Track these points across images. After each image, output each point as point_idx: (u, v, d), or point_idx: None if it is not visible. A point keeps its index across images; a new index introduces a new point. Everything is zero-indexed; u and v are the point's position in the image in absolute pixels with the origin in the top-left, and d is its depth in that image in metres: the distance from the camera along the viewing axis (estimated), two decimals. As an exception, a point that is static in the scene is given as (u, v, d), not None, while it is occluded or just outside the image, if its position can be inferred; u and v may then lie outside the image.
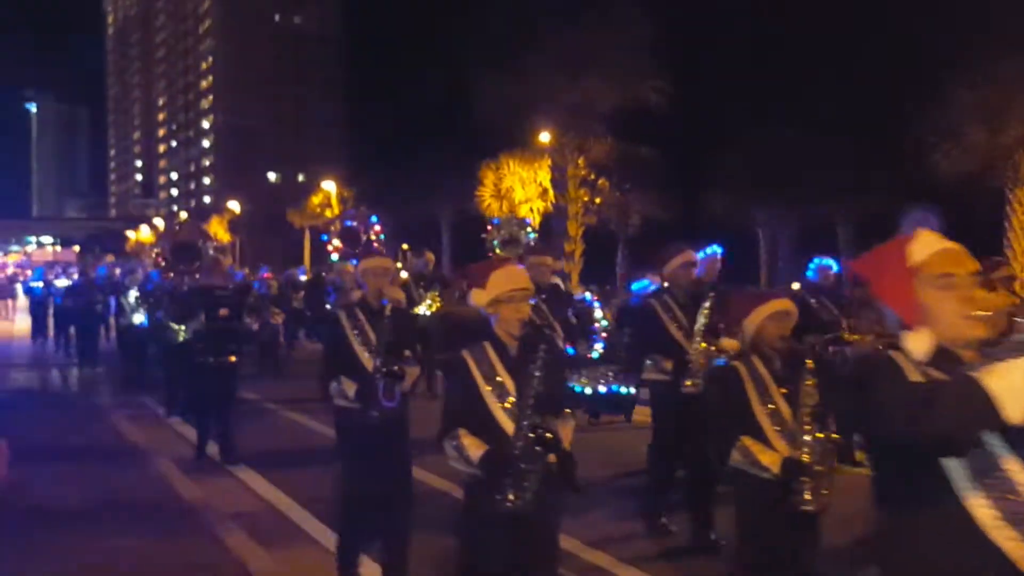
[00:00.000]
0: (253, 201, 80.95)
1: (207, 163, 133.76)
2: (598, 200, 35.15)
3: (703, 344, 7.05)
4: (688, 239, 11.53)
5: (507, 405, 4.16)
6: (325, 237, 14.14)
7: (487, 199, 36.23)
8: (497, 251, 13.41)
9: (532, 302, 9.73)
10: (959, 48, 24.82)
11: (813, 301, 9.57)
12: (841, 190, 34.34)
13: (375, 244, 14.36)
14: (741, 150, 36.15)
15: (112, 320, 19.55)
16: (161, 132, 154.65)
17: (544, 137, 33.52)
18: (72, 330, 21.11)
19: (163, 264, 12.33)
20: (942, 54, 25.45)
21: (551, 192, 35.25)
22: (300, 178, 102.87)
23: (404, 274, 14.66)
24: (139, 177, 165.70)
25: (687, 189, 35.84)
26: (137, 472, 9.43)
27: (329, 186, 59.21)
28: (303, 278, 26.01)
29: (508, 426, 4.13)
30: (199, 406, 10.29)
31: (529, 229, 14.31)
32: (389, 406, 5.79)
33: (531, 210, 36.54)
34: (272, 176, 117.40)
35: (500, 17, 32.04)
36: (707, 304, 7.11)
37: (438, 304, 14.10)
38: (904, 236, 2.92)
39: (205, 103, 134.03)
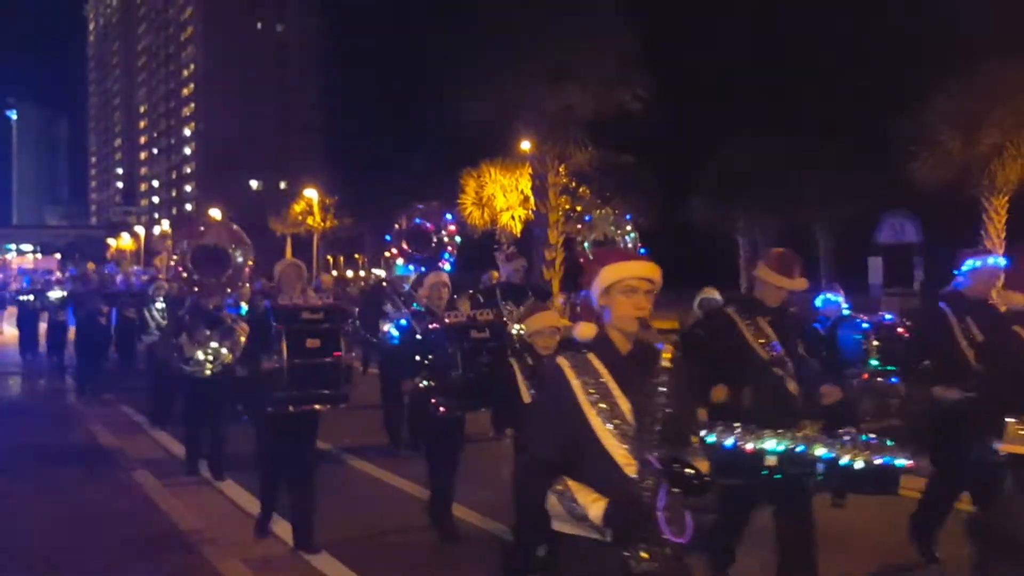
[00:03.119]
0: (235, 208, 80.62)
1: (188, 170, 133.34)
2: (579, 208, 35.20)
3: None
4: (671, 246, 11.26)
5: None
6: (389, 238, 12.07)
7: (469, 207, 36.26)
8: (589, 255, 11.21)
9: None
10: (936, 57, 25.07)
11: None
12: (820, 197, 34.57)
13: (449, 248, 11.87)
14: (721, 157, 36.35)
15: (114, 334, 17.37)
16: (142, 139, 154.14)
17: (525, 145, 33.59)
18: (67, 345, 18.74)
19: (184, 274, 9.64)
20: (919, 63, 25.69)
21: (532, 200, 35.31)
22: (282, 185, 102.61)
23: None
24: (120, 184, 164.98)
25: (668, 196, 35.98)
26: (184, 563, 6.86)
27: (311, 194, 59.19)
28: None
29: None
30: (271, 469, 7.48)
31: (629, 228, 11.86)
32: (676, 543, 3.33)
33: (512, 218, 36.62)
34: (254, 183, 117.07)
35: (480, 25, 32.12)
36: None
37: None
38: None
39: (187, 110, 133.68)
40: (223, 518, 8.19)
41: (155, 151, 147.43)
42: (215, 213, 76.58)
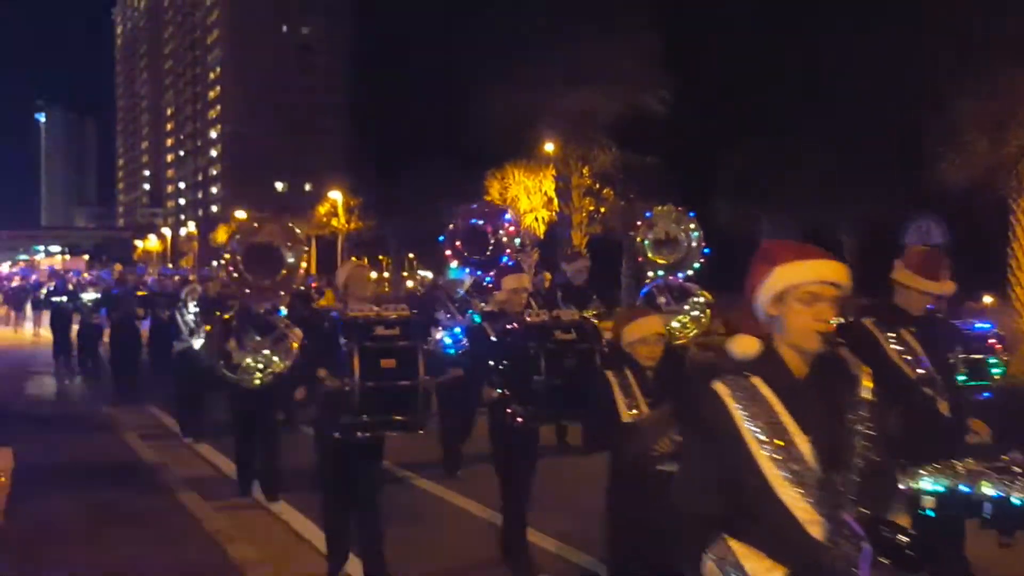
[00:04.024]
0: (260, 210, 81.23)
1: (214, 172, 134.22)
2: (603, 209, 35.25)
3: None
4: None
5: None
6: (442, 239, 10.97)
7: (492, 209, 36.36)
8: (649, 255, 10.73)
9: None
10: (962, 57, 24.86)
11: None
12: (845, 198, 34.38)
13: (508, 251, 10.64)
14: (745, 158, 36.21)
15: (145, 335, 16.58)
16: (169, 142, 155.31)
17: (548, 147, 33.65)
18: (100, 348, 17.84)
19: (236, 275, 8.63)
20: (945, 63, 25.48)
21: (555, 202, 35.36)
22: (307, 187, 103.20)
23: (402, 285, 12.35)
24: (147, 186, 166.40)
25: (691, 198, 35.85)
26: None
27: (335, 195, 59.46)
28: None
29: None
30: (338, 498, 6.47)
31: (692, 226, 10.90)
32: None
33: (536, 220, 36.66)
34: (279, 185, 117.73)
35: (503, 27, 32.21)
36: None
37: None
38: None
39: (213, 113, 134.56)
40: (279, 545, 7.35)
41: (181, 153, 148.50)
42: (240, 215, 77.16)
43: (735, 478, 2.64)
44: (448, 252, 10.70)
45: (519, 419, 6.39)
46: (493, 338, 7.27)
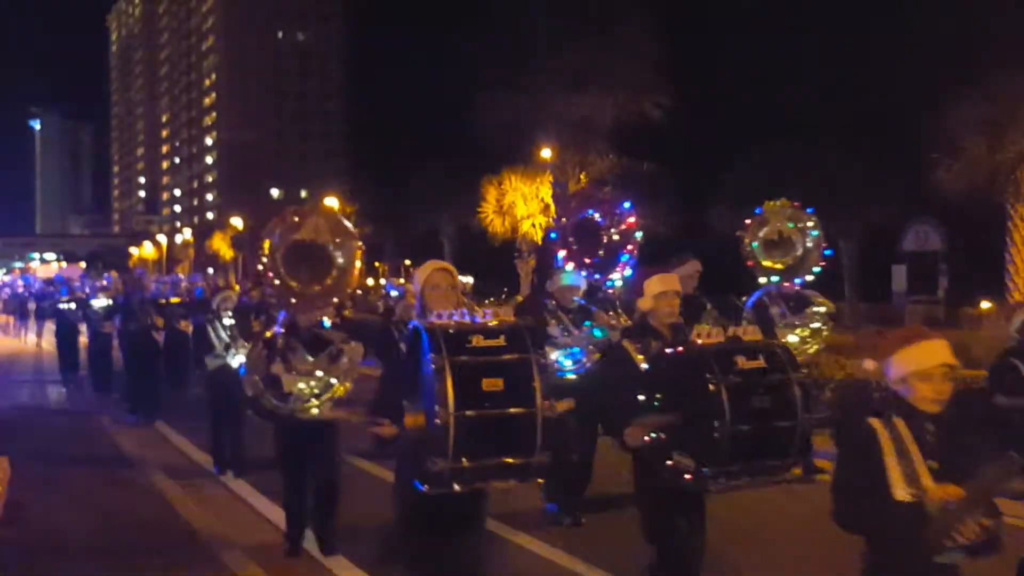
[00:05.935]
0: (256, 217, 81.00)
1: (210, 179, 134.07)
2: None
3: None
4: (693, 254, 10.38)
5: None
6: (555, 236, 9.04)
7: (489, 215, 36.29)
8: (759, 259, 9.26)
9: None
10: (960, 63, 24.88)
11: None
12: (844, 204, 34.36)
13: (628, 248, 8.79)
14: (743, 164, 36.19)
15: (161, 343, 14.78)
16: (164, 148, 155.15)
17: (546, 153, 33.63)
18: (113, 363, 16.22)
19: (276, 281, 6.97)
20: (943, 69, 25.51)
21: (553, 208, 35.31)
22: (303, 194, 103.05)
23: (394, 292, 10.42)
24: (142, 193, 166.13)
25: (689, 203, 35.89)
26: None
27: (331, 202, 59.38)
28: (393, 293, 23.20)
29: None
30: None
31: (810, 224, 9.45)
32: None
33: (533, 226, 36.61)
34: (275, 192, 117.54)
35: (502, 34, 32.20)
36: None
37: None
38: None
39: (208, 119, 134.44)
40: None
41: (177, 160, 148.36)
42: (236, 222, 77.00)
43: None
44: (563, 252, 8.66)
45: (687, 475, 4.79)
46: (644, 364, 5.34)
